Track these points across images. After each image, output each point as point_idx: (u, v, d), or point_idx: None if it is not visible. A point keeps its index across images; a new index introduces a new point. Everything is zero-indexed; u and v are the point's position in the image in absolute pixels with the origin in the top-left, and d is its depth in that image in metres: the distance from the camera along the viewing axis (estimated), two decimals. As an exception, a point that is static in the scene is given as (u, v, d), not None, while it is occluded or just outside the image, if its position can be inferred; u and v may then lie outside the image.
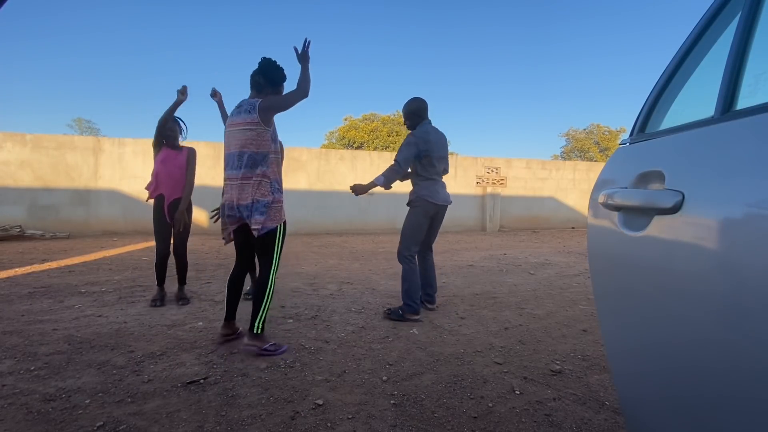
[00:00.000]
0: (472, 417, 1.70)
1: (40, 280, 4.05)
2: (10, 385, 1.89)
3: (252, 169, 2.24)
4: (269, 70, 2.31)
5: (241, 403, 1.78)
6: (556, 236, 9.50)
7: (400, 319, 2.92)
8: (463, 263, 5.53)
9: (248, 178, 2.24)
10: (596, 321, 2.37)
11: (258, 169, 2.24)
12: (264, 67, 2.31)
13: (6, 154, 7.73)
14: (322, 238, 8.56)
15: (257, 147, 2.24)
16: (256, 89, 2.33)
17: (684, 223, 0.75)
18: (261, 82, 2.31)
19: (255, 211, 2.22)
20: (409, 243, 3.03)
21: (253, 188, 2.23)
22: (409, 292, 2.95)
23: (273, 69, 2.32)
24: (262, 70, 2.31)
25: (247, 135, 2.23)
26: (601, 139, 30.46)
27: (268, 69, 2.31)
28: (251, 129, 2.23)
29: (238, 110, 2.30)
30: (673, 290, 0.77)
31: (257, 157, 2.24)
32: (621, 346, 0.99)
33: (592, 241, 1.13)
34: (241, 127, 2.24)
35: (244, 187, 2.24)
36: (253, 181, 2.23)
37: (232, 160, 2.28)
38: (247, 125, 2.23)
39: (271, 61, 2.33)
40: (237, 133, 2.26)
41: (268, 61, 2.32)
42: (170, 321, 2.86)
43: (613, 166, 1.11)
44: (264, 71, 2.31)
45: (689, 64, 1.03)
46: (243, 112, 2.25)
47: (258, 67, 2.31)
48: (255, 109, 2.22)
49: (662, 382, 0.81)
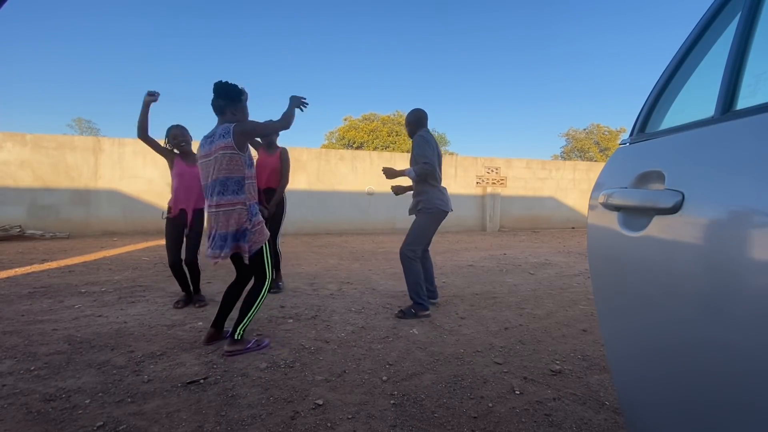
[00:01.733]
0: (472, 417, 1.70)
1: (40, 280, 4.06)
2: (10, 385, 1.89)
3: (227, 195, 2.22)
4: (223, 90, 2.29)
5: (241, 403, 1.78)
6: (556, 236, 9.50)
7: (415, 317, 3.02)
8: (463, 263, 5.53)
9: (224, 206, 2.22)
10: (596, 321, 2.37)
11: (235, 197, 2.22)
12: (219, 89, 2.28)
13: (6, 154, 7.73)
14: (322, 238, 8.56)
15: (230, 172, 2.22)
16: (220, 113, 2.31)
17: (684, 223, 0.75)
18: (221, 104, 2.29)
19: (239, 240, 2.25)
20: (416, 245, 3.12)
21: (233, 217, 2.22)
22: (416, 290, 3.04)
23: (226, 88, 2.29)
24: (218, 93, 2.28)
25: (221, 160, 2.21)
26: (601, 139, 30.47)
27: (222, 90, 2.29)
28: (225, 153, 2.20)
29: (210, 139, 2.27)
30: (673, 290, 0.77)
31: (229, 182, 2.22)
32: (621, 346, 0.99)
33: (592, 241, 1.13)
34: (215, 155, 2.22)
35: (226, 215, 2.22)
36: (231, 209, 2.22)
37: (210, 188, 2.25)
38: (222, 149, 2.20)
39: (222, 83, 2.30)
40: (211, 162, 2.24)
41: (220, 84, 2.29)
42: (170, 321, 2.86)
43: (613, 166, 1.11)
44: (220, 93, 2.28)
45: (689, 64, 1.03)
46: (217, 138, 2.22)
47: (214, 93, 2.29)
48: (230, 133, 2.20)
49: (662, 382, 0.81)
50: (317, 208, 9.64)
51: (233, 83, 2.33)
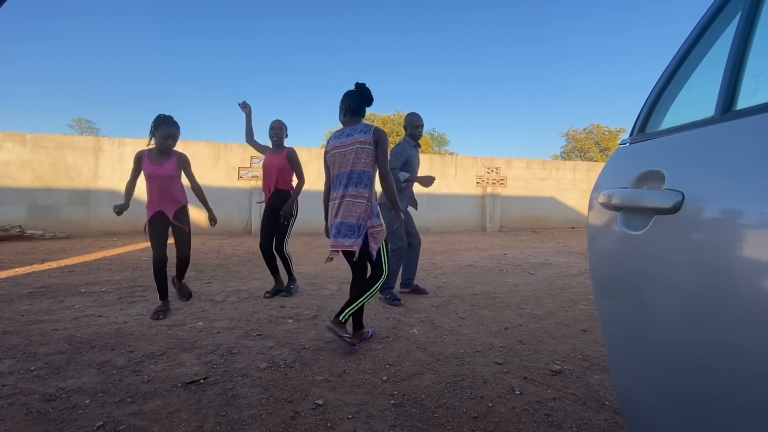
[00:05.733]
0: (472, 417, 1.70)
1: (40, 280, 4.05)
2: (10, 385, 1.89)
3: (358, 187, 2.30)
4: (368, 95, 2.40)
5: (241, 403, 1.78)
6: (556, 236, 9.50)
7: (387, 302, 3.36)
8: (463, 263, 5.53)
9: (353, 197, 2.30)
10: (596, 321, 2.37)
11: (364, 190, 2.31)
12: (367, 95, 2.40)
13: (6, 154, 7.73)
14: (322, 238, 8.55)
15: (365, 166, 2.31)
16: (357, 114, 2.39)
17: (684, 223, 0.75)
18: (363, 107, 2.40)
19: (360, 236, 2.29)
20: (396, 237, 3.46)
21: (358, 209, 2.29)
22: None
23: (370, 94, 2.41)
24: (365, 97, 2.39)
25: (359, 153, 2.30)
26: (601, 139, 30.47)
27: (368, 95, 2.40)
28: (363, 147, 2.29)
29: (348, 133, 2.35)
30: (673, 290, 0.77)
31: (364, 176, 2.31)
32: (621, 346, 0.99)
33: (592, 241, 1.13)
34: (354, 147, 2.30)
35: (353, 205, 2.30)
36: (358, 201, 2.30)
37: (343, 178, 2.33)
38: (361, 143, 2.29)
39: (368, 88, 2.41)
40: (347, 153, 2.32)
41: (367, 89, 2.40)
42: (170, 321, 2.86)
43: (613, 166, 1.11)
44: (365, 97, 2.39)
45: (689, 64, 1.03)
46: (356, 133, 2.32)
47: (360, 96, 2.39)
48: (371, 131, 2.31)
49: (662, 382, 0.81)
50: (317, 208, 9.59)
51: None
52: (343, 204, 2.31)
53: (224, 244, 7.11)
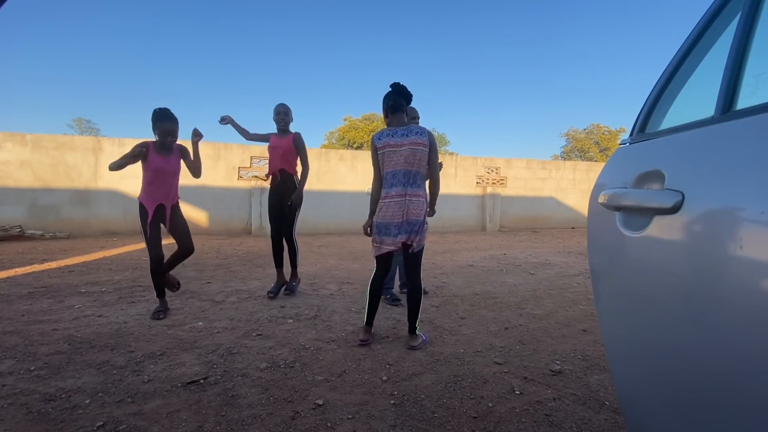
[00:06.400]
0: (472, 417, 1.70)
1: (40, 280, 4.05)
2: (10, 385, 1.89)
3: (415, 187, 2.40)
4: (406, 91, 2.50)
5: (241, 403, 1.78)
6: (556, 236, 9.50)
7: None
8: (464, 263, 5.53)
9: (415, 195, 2.39)
10: (596, 321, 2.37)
11: (421, 189, 2.43)
12: (405, 91, 2.49)
13: (6, 154, 7.73)
14: (322, 238, 8.56)
15: (421, 167, 2.42)
16: (399, 111, 2.48)
17: (684, 223, 0.75)
18: (403, 103, 2.49)
19: (420, 231, 2.40)
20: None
21: (420, 207, 2.40)
22: None
23: (407, 90, 2.51)
24: (403, 94, 2.49)
25: (417, 155, 2.38)
26: (601, 139, 30.48)
27: (405, 91, 2.50)
28: (419, 149, 2.38)
29: (404, 132, 2.41)
30: (673, 290, 0.77)
31: (419, 176, 2.42)
32: (621, 347, 0.99)
33: (592, 241, 1.13)
34: (410, 147, 2.37)
35: (416, 204, 2.39)
36: (419, 199, 2.40)
37: (401, 177, 2.40)
38: (417, 145, 2.37)
39: (404, 86, 2.51)
40: (405, 151, 2.38)
41: (403, 86, 2.50)
42: (170, 321, 2.86)
43: (613, 166, 1.11)
44: (404, 94, 2.49)
45: (689, 64, 1.03)
46: (412, 134, 2.39)
47: (398, 93, 2.48)
48: (425, 134, 2.41)
49: (662, 382, 0.81)
50: (317, 208, 9.62)
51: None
52: (407, 202, 2.39)
53: (224, 244, 7.11)
